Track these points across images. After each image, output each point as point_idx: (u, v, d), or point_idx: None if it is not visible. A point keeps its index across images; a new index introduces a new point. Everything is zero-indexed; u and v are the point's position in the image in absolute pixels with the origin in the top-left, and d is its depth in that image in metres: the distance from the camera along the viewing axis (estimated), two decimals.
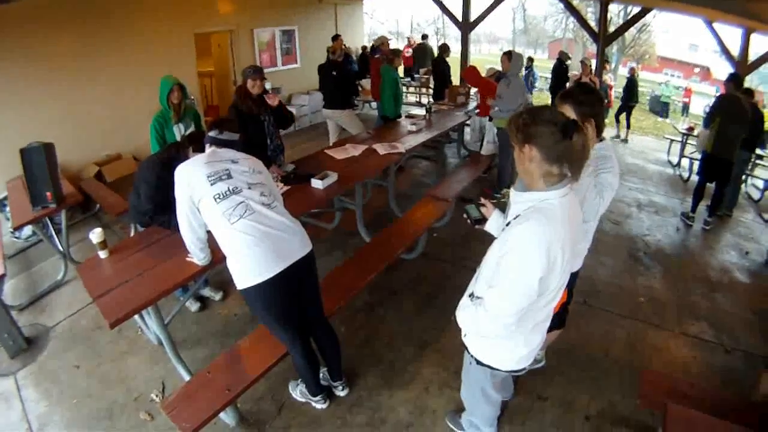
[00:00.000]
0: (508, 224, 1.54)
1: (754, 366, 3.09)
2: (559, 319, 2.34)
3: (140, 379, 2.95)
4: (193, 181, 2.07)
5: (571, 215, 1.48)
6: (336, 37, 7.46)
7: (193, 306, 3.55)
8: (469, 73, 6.56)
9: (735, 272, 4.41)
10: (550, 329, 2.24)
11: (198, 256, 2.41)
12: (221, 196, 2.04)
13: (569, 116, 1.80)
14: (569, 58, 9.87)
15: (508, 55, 5.13)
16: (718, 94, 5.33)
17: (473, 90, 7.64)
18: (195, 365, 2.93)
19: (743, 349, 3.29)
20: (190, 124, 3.70)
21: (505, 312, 1.47)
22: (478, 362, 1.78)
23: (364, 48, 10.21)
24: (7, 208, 4.85)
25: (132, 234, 4.48)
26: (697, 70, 26.74)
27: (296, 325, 2.27)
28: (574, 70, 10.12)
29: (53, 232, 4.24)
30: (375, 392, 2.80)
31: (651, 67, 27.17)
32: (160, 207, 2.79)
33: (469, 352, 1.82)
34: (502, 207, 1.90)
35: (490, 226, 1.91)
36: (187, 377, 2.79)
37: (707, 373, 3.06)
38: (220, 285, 3.73)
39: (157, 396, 2.80)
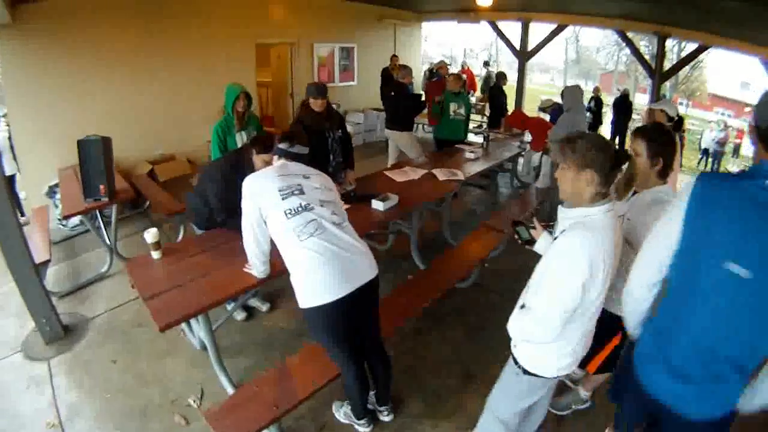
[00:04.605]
0: (555, 239, 1.62)
1: None
2: (610, 362, 2.25)
3: (178, 381, 2.89)
4: (263, 193, 2.02)
5: (614, 230, 1.56)
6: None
7: (239, 315, 3.48)
8: (513, 118, 6.47)
9: None
10: (601, 371, 2.28)
11: (258, 269, 2.34)
12: (293, 212, 1.98)
13: (640, 151, 1.97)
14: (629, 94, 9.77)
15: (563, 92, 5.03)
16: None
17: None
18: (236, 374, 2.86)
19: None
20: (252, 133, 3.66)
21: (551, 314, 1.54)
22: (525, 371, 1.79)
23: (430, 71, 10.18)
24: (57, 196, 4.95)
25: (180, 237, 4.52)
26: (747, 109, 25.73)
27: (354, 348, 2.18)
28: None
29: (102, 225, 4.27)
30: (418, 420, 2.67)
31: (702, 105, 26.29)
32: (230, 209, 2.76)
33: (517, 363, 1.82)
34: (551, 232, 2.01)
35: (538, 246, 2.01)
36: (228, 386, 2.73)
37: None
38: (267, 296, 3.68)
39: (194, 401, 2.73)
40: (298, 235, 1.95)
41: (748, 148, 13.03)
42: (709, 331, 1.32)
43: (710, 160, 13.18)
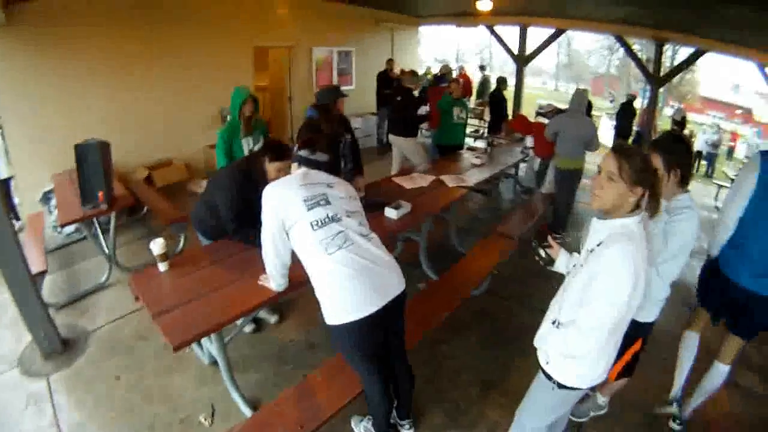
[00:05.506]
0: (591, 251, 1.63)
1: None
2: (629, 368, 2.33)
3: (187, 398, 2.77)
4: (287, 204, 1.89)
5: (645, 240, 1.60)
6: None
7: (248, 327, 3.34)
8: (518, 122, 6.45)
9: None
10: (620, 376, 2.38)
11: (278, 282, 2.22)
12: (319, 224, 1.86)
13: (658, 164, 1.96)
14: (635, 99, 9.60)
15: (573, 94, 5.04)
16: None
17: None
18: (247, 390, 2.76)
19: None
20: (259, 138, 3.56)
21: (600, 327, 1.54)
22: (560, 386, 1.78)
23: (436, 77, 10.07)
24: (52, 202, 4.78)
25: (180, 246, 4.38)
26: (739, 111, 25.83)
27: (380, 363, 2.09)
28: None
29: (99, 232, 4.12)
30: None
31: (693, 108, 25.83)
32: (241, 218, 2.65)
33: (551, 379, 1.81)
34: (566, 247, 2.09)
35: (559, 265, 2.04)
36: (241, 403, 2.63)
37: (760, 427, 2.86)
38: (276, 307, 3.55)
39: (205, 419, 2.61)
40: (326, 248, 1.84)
41: (741, 152, 13.15)
42: None
43: (704, 162, 13.10)
